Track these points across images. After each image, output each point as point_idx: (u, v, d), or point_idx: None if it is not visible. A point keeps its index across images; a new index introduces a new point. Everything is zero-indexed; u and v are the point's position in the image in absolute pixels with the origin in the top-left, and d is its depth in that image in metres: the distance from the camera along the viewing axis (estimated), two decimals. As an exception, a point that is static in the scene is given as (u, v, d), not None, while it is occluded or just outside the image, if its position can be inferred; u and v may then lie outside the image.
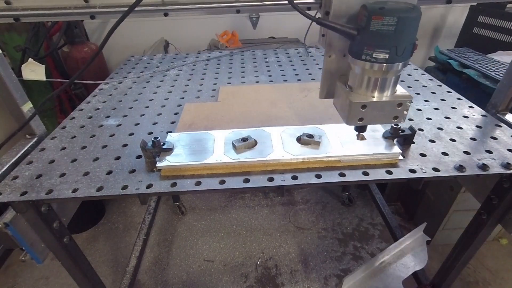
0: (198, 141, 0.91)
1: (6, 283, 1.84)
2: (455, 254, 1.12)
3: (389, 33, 0.57)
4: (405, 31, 0.57)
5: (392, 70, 0.62)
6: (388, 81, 0.65)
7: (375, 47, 0.60)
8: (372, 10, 0.57)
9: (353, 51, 0.65)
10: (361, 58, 0.63)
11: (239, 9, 0.77)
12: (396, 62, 0.61)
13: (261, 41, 2.41)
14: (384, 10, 0.56)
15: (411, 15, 0.56)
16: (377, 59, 0.61)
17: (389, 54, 0.59)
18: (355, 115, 0.68)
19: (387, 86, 0.66)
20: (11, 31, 1.94)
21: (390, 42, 0.58)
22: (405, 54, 0.60)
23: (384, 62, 0.61)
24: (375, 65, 0.62)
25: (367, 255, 1.93)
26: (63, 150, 0.95)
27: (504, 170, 0.80)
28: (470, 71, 1.72)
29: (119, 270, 1.90)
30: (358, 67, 0.65)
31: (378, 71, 0.63)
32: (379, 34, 0.58)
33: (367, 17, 0.58)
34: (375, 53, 0.60)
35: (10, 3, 0.73)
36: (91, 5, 0.74)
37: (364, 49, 0.61)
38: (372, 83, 0.66)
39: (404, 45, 0.59)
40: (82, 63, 2.19)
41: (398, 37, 0.58)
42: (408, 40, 0.59)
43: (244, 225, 2.17)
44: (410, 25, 0.58)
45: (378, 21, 0.57)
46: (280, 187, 0.79)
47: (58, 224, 0.87)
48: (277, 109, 1.14)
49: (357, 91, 0.69)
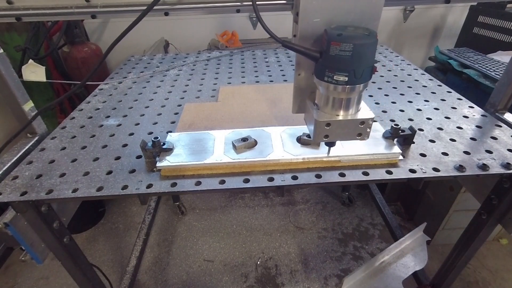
0: (198, 141, 0.91)
1: (6, 283, 1.84)
2: (455, 254, 1.12)
3: (346, 58, 0.59)
4: (361, 57, 0.60)
5: (353, 91, 0.65)
6: (352, 100, 0.68)
7: (335, 70, 0.62)
8: (331, 36, 0.60)
9: (317, 73, 0.67)
10: (324, 80, 0.65)
11: (239, 9, 0.77)
12: (355, 84, 0.63)
13: (261, 41, 2.40)
14: (341, 36, 0.59)
15: (366, 41, 0.59)
16: (338, 81, 0.63)
17: (348, 77, 0.62)
18: (321, 132, 0.71)
19: (351, 105, 0.69)
20: (11, 31, 1.94)
21: (348, 66, 0.61)
22: (364, 77, 0.63)
23: (344, 84, 0.63)
24: (338, 87, 0.64)
25: (367, 255, 1.93)
26: (63, 150, 0.95)
27: (504, 170, 0.80)
28: (470, 71, 1.72)
29: (119, 270, 1.90)
30: (322, 87, 0.68)
31: (341, 92, 0.65)
32: (338, 58, 0.60)
33: (327, 41, 0.60)
34: (336, 76, 0.63)
35: (12, 3, 0.73)
36: (92, 5, 0.74)
37: (325, 71, 0.64)
38: (336, 102, 0.68)
39: (362, 68, 0.61)
40: (82, 63, 2.19)
41: (355, 61, 0.60)
42: (365, 64, 0.61)
43: (244, 225, 2.17)
44: (366, 51, 0.60)
45: (336, 46, 0.59)
46: (280, 187, 0.79)
47: (58, 224, 0.87)
48: (277, 109, 1.14)
49: (323, 110, 0.71)
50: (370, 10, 0.63)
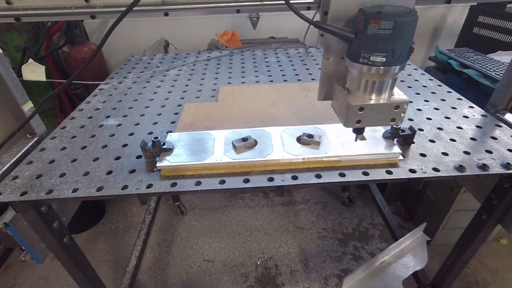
0: (198, 141, 0.91)
1: (6, 283, 1.84)
2: (455, 254, 1.12)
3: (386, 36, 0.57)
4: (402, 35, 0.58)
5: (389, 73, 0.63)
6: (386, 84, 0.66)
7: (372, 50, 0.60)
8: (369, 14, 0.57)
9: (351, 54, 0.65)
10: (359, 61, 0.63)
11: (239, 9, 0.77)
12: (393, 66, 0.62)
13: (261, 41, 2.40)
14: (381, 14, 0.57)
15: (407, 19, 0.57)
16: (374, 62, 0.61)
17: (386, 57, 0.60)
18: (353, 117, 0.69)
19: (385, 89, 0.67)
20: (11, 31, 1.94)
21: (387, 46, 0.59)
22: (402, 58, 0.61)
23: (381, 66, 0.61)
24: (373, 68, 0.62)
25: (367, 255, 1.93)
26: (63, 150, 0.95)
27: (504, 170, 0.80)
28: (470, 71, 1.72)
29: (119, 270, 1.90)
30: (356, 70, 0.65)
31: (376, 74, 0.63)
32: (376, 37, 0.58)
33: (364, 20, 0.58)
34: (372, 57, 0.61)
35: (11, 3, 0.73)
36: (92, 5, 0.74)
37: (361, 52, 0.62)
38: (369, 85, 0.66)
39: (401, 48, 0.59)
40: (82, 63, 2.18)
41: (395, 41, 0.58)
42: (404, 44, 0.60)
43: (244, 225, 2.17)
44: (407, 29, 0.58)
45: (375, 25, 0.57)
46: (280, 187, 0.79)
47: (58, 224, 0.87)
48: (277, 109, 1.14)
49: (355, 94, 0.69)
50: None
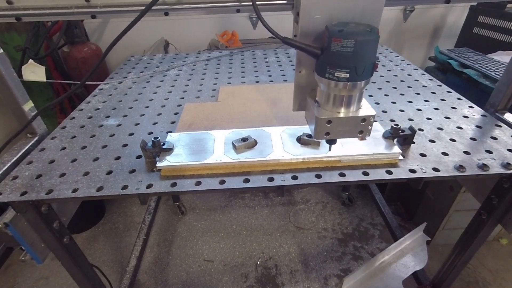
0: (198, 141, 0.91)
1: (6, 283, 1.84)
2: (455, 254, 1.12)
3: (347, 54, 0.59)
4: (363, 53, 0.60)
5: (355, 88, 0.65)
6: (353, 97, 0.68)
7: (336, 66, 0.62)
8: (332, 32, 0.59)
9: (318, 69, 0.67)
10: (325, 77, 0.65)
11: (239, 9, 0.77)
12: (357, 81, 0.63)
13: (261, 41, 2.40)
14: (342, 32, 0.58)
15: (368, 38, 0.58)
16: (339, 78, 0.63)
17: (349, 73, 0.62)
18: (322, 130, 0.71)
19: (352, 102, 0.69)
20: (11, 31, 1.94)
21: (349, 63, 0.61)
22: (365, 73, 0.63)
23: (345, 81, 0.63)
24: (339, 84, 0.64)
25: (367, 255, 1.93)
26: (63, 150, 0.95)
27: (504, 170, 0.80)
28: (470, 71, 1.72)
29: (119, 270, 1.90)
30: (323, 84, 0.67)
31: (342, 89, 0.65)
32: (339, 55, 0.60)
33: (328, 38, 0.60)
34: (337, 72, 0.62)
35: (12, 3, 0.73)
36: (92, 5, 0.74)
37: (327, 68, 0.64)
38: (337, 99, 0.68)
39: (363, 65, 0.61)
40: (82, 63, 2.19)
41: (357, 58, 0.60)
42: (366, 61, 0.61)
43: (244, 225, 2.17)
44: (368, 47, 0.60)
45: (338, 43, 0.59)
46: (280, 187, 0.79)
47: (58, 224, 0.87)
48: (277, 109, 1.14)
49: (324, 107, 0.71)
50: (371, 7, 0.63)
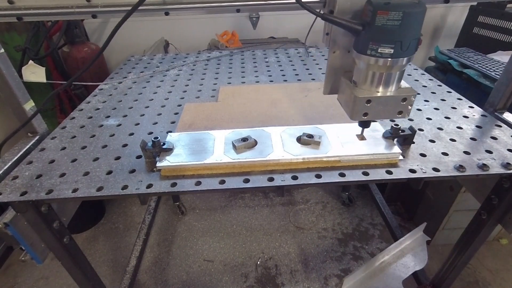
0: (198, 141, 0.91)
1: (6, 283, 1.84)
2: (455, 254, 1.12)
3: (394, 28, 0.58)
4: (410, 26, 0.58)
5: (396, 65, 0.63)
6: (393, 76, 0.66)
7: (380, 42, 0.60)
8: (378, 5, 0.58)
9: (358, 47, 0.65)
10: (366, 53, 0.63)
11: (239, 9, 0.77)
12: (400, 57, 0.62)
13: (261, 41, 2.41)
14: (389, 5, 0.57)
15: (416, 10, 0.57)
16: (382, 54, 0.61)
17: (394, 49, 0.60)
18: (360, 110, 0.69)
19: (392, 81, 0.67)
20: (11, 31, 1.94)
21: (395, 37, 0.59)
22: (409, 49, 0.61)
23: (389, 57, 0.61)
24: (380, 60, 0.62)
25: (367, 255, 1.93)
26: (63, 150, 0.95)
27: (504, 170, 0.80)
28: (470, 71, 1.72)
29: (119, 270, 1.90)
30: (363, 62, 0.66)
31: (383, 66, 0.63)
32: (384, 29, 0.58)
33: (372, 12, 0.58)
34: (380, 48, 0.61)
35: (13, 3, 0.73)
36: (93, 4, 0.74)
37: (369, 44, 0.62)
38: (376, 78, 0.66)
39: (409, 40, 0.60)
40: (82, 63, 2.19)
41: (403, 32, 0.58)
42: (413, 35, 0.60)
43: (244, 225, 2.17)
44: (415, 20, 0.58)
45: (384, 16, 0.57)
46: (280, 187, 0.79)
47: (58, 224, 0.87)
48: (277, 109, 1.14)
49: (362, 87, 0.69)
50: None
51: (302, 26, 2.65)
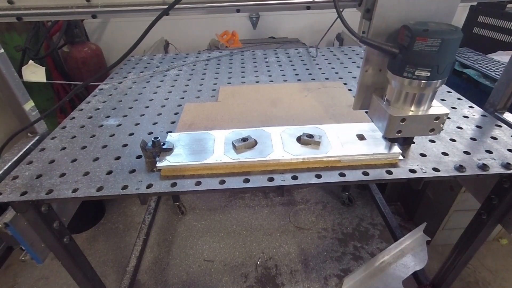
0: (198, 141, 0.91)
1: (6, 283, 1.84)
2: (455, 254, 1.12)
3: (432, 53, 0.60)
4: (448, 52, 0.60)
5: (430, 87, 0.65)
6: (426, 96, 0.68)
7: (417, 65, 0.62)
8: (416, 32, 0.59)
9: (394, 68, 0.67)
10: (403, 75, 0.65)
11: (239, 9, 0.77)
12: (437, 79, 0.64)
13: (261, 41, 2.41)
14: (428, 32, 0.58)
15: (454, 36, 0.59)
16: (419, 76, 0.63)
17: (430, 72, 0.62)
18: (394, 128, 0.72)
19: (425, 101, 0.69)
20: (11, 31, 1.94)
21: (433, 62, 0.61)
22: (445, 72, 0.63)
23: (425, 80, 0.63)
24: (417, 82, 0.64)
25: (367, 255, 1.93)
26: (63, 150, 0.95)
27: (504, 170, 0.80)
28: (470, 71, 1.72)
29: (119, 270, 1.90)
30: (397, 82, 0.68)
31: (418, 87, 0.65)
32: (422, 54, 0.60)
33: (411, 37, 0.60)
34: (417, 71, 0.63)
35: (13, 3, 0.73)
36: (93, 4, 0.74)
37: (406, 67, 0.64)
38: (410, 97, 0.69)
39: (445, 64, 0.62)
40: (82, 63, 2.20)
41: (441, 57, 0.60)
42: (450, 60, 0.62)
43: (244, 225, 2.17)
44: (453, 46, 0.60)
45: (422, 42, 0.59)
46: (280, 187, 0.79)
47: (58, 224, 0.87)
48: (277, 109, 1.14)
49: (395, 105, 0.72)
50: (445, 6, 0.64)
51: (302, 26, 2.65)
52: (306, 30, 2.67)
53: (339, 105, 1.14)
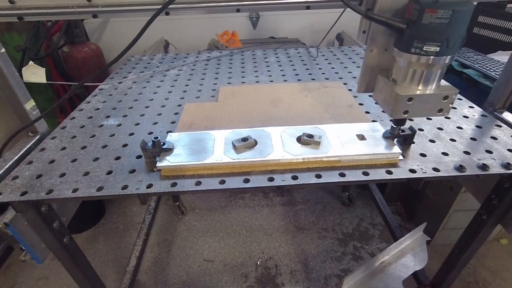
0: (198, 141, 0.91)
1: (6, 283, 1.84)
2: (455, 254, 1.12)
3: (442, 26, 0.57)
4: (459, 24, 0.58)
5: (439, 63, 0.62)
6: (434, 73, 0.66)
7: (426, 40, 0.60)
8: (426, 3, 0.57)
9: (401, 45, 0.65)
10: (410, 52, 0.63)
11: (239, 9, 0.77)
12: (446, 55, 0.61)
13: (261, 41, 2.41)
14: (438, 3, 0.56)
15: (465, 8, 0.57)
16: (427, 52, 0.61)
17: (440, 47, 0.60)
18: (401, 108, 0.69)
19: (433, 79, 0.67)
20: (11, 31, 1.94)
21: (443, 35, 0.59)
22: (455, 47, 0.61)
23: (434, 55, 0.61)
24: (423, 58, 0.62)
25: (367, 255, 1.93)
26: (63, 150, 0.95)
27: (504, 170, 0.80)
28: (470, 71, 1.72)
29: (119, 270, 1.90)
30: (405, 60, 0.65)
31: (426, 64, 0.63)
32: (432, 27, 0.58)
33: (419, 10, 0.58)
34: (426, 46, 0.60)
35: (14, 2, 0.73)
36: (94, 4, 0.74)
37: (414, 42, 0.61)
38: (417, 76, 0.66)
39: (456, 38, 0.59)
40: (82, 63, 2.20)
41: (451, 30, 0.58)
42: (460, 33, 0.59)
43: (244, 225, 2.17)
44: (464, 18, 0.58)
45: (432, 14, 0.57)
46: (280, 187, 0.79)
47: (58, 224, 0.87)
48: (277, 109, 1.14)
49: (402, 84, 0.69)
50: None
51: (302, 26, 2.65)
52: (306, 30, 2.67)
53: (339, 105, 1.14)
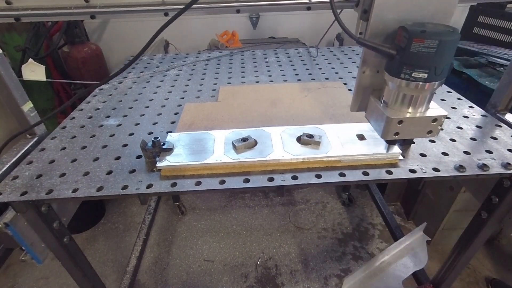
0: (198, 141, 0.91)
1: (6, 283, 1.84)
2: (455, 254, 1.12)
3: (430, 54, 0.59)
4: (445, 53, 0.60)
5: (428, 89, 0.65)
6: (423, 97, 0.68)
7: (414, 67, 0.62)
8: (414, 33, 0.59)
9: (391, 70, 0.67)
10: (400, 77, 0.65)
11: (239, 9, 0.77)
12: (434, 81, 0.63)
13: (261, 41, 2.41)
14: (425, 33, 0.58)
15: (451, 38, 0.59)
16: (416, 78, 0.63)
17: (428, 73, 0.62)
18: (392, 130, 0.71)
19: (422, 102, 0.69)
20: (11, 31, 1.94)
21: (430, 63, 0.61)
22: (443, 74, 0.63)
23: (422, 81, 0.63)
24: (412, 83, 0.64)
25: (367, 255, 1.93)
26: (63, 150, 0.95)
27: (504, 170, 0.80)
28: (470, 71, 1.72)
29: (119, 270, 1.90)
30: (395, 84, 0.67)
31: (417, 89, 0.65)
32: (420, 55, 0.60)
33: (408, 39, 0.60)
34: (414, 73, 0.63)
35: (11, 3, 0.73)
36: (91, 5, 0.74)
37: (403, 68, 0.63)
38: (407, 99, 0.68)
39: (443, 65, 0.61)
40: (82, 63, 2.19)
41: (439, 58, 0.60)
42: (447, 61, 0.61)
43: (244, 225, 2.17)
44: (450, 47, 0.60)
45: (419, 43, 0.59)
46: (280, 187, 0.79)
47: (58, 224, 0.87)
48: (277, 109, 1.14)
49: (393, 107, 0.71)
50: (444, 7, 0.64)
51: (302, 26, 2.65)
52: (306, 30, 2.67)
53: (339, 105, 1.14)
